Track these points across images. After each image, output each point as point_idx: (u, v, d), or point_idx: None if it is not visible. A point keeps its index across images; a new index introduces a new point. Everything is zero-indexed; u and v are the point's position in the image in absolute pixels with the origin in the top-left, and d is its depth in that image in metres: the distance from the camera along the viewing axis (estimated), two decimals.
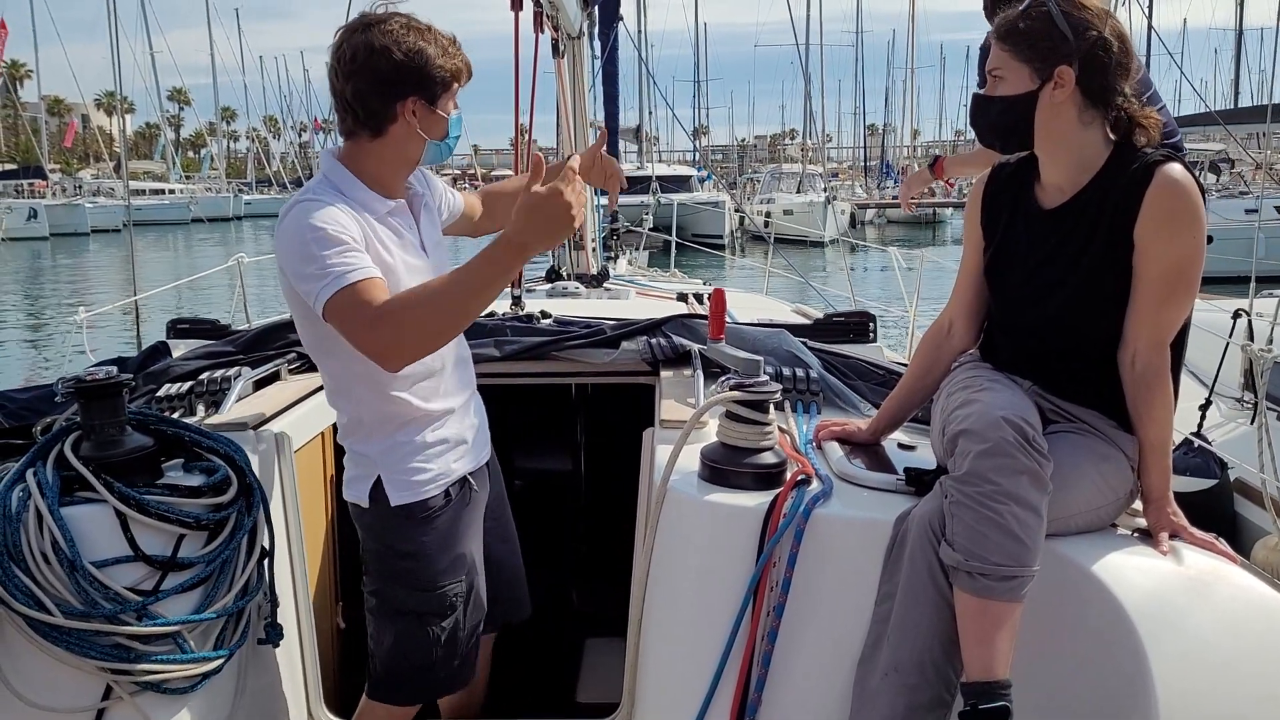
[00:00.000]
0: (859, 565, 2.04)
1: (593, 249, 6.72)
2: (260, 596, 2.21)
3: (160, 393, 2.83)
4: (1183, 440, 5.44)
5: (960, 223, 3.93)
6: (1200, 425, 5.81)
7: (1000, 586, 1.84)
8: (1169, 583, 1.95)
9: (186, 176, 71.98)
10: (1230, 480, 5.68)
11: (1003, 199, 2.23)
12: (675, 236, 11.02)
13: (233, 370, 2.87)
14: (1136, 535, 2.09)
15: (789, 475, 2.15)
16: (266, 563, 2.23)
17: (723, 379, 2.57)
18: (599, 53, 7.14)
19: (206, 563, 2.07)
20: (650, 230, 10.81)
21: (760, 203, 36.45)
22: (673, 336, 3.15)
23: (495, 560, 2.50)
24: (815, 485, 2.12)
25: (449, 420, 2.31)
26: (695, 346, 3.06)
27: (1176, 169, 1.99)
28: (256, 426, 2.51)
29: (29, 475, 2.00)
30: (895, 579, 1.99)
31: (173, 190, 59.70)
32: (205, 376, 2.83)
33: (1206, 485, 5.54)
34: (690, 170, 39.93)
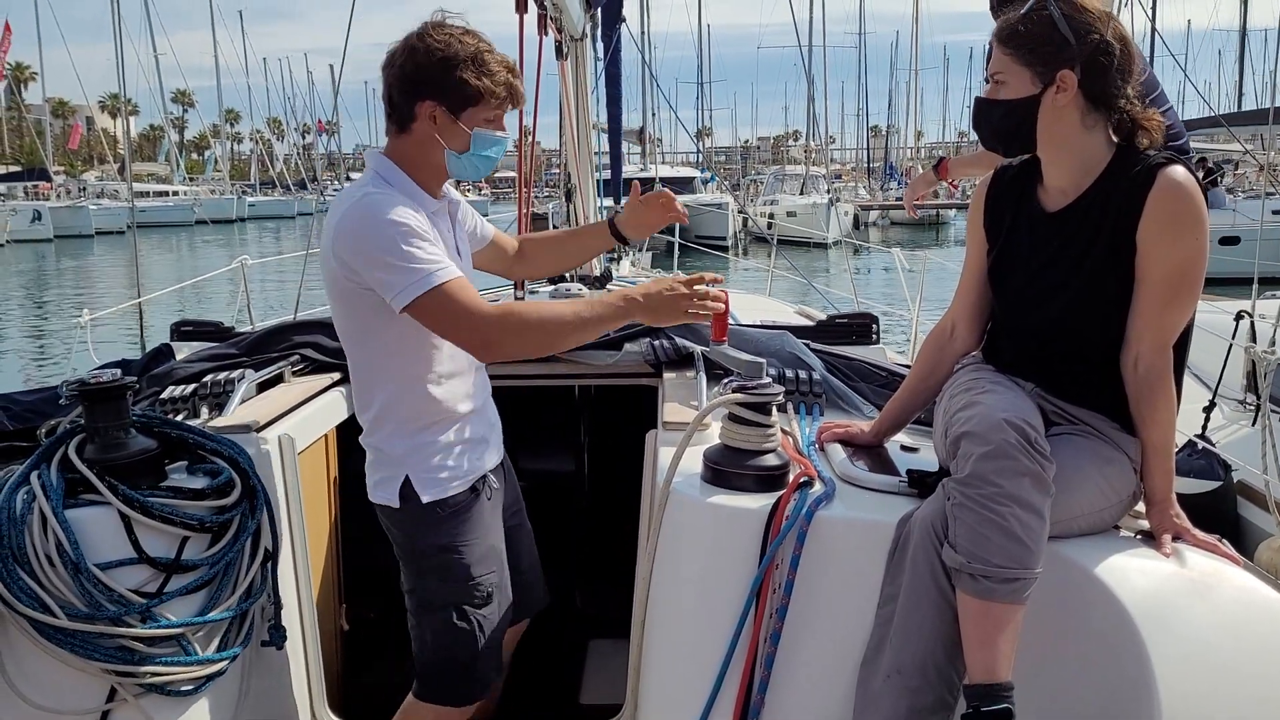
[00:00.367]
0: (861, 567, 2.05)
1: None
2: (264, 598, 2.22)
3: (164, 395, 2.84)
4: (1186, 442, 5.42)
5: (963, 224, 3.93)
6: (1204, 427, 5.80)
7: (1003, 589, 1.84)
8: (1171, 584, 1.95)
9: (190, 178, 72.02)
10: (1234, 482, 5.67)
11: (1006, 202, 2.23)
12: (679, 238, 11.02)
13: (236, 373, 2.87)
14: (1139, 537, 2.09)
15: (791, 477, 2.15)
16: (270, 565, 2.24)
17: (725, 381, 2.57)
18: (602, 55, 7.14)
19: (210, 565, 2.08)
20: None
21: (763, 204, 36.42)
22: (675, 338, 3.15)
23: (517, 551, 2.54)
24: (818, 487, 2.12)
25: (472, 419, 2.36)
26: (698, 348, 3.06)
27: (1179, 171, 1.99)
28: (260, 429, 2.51)
29: (33, 478, 2.01)
30: (898, 581, 1.99)
31: (176, 192, 59.73)
32: (209, 379, 2.84)
33: (1210, 487, 5.53)
34: (694, 172, 39.97)
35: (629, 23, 7.24)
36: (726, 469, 2.17)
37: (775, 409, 2.22)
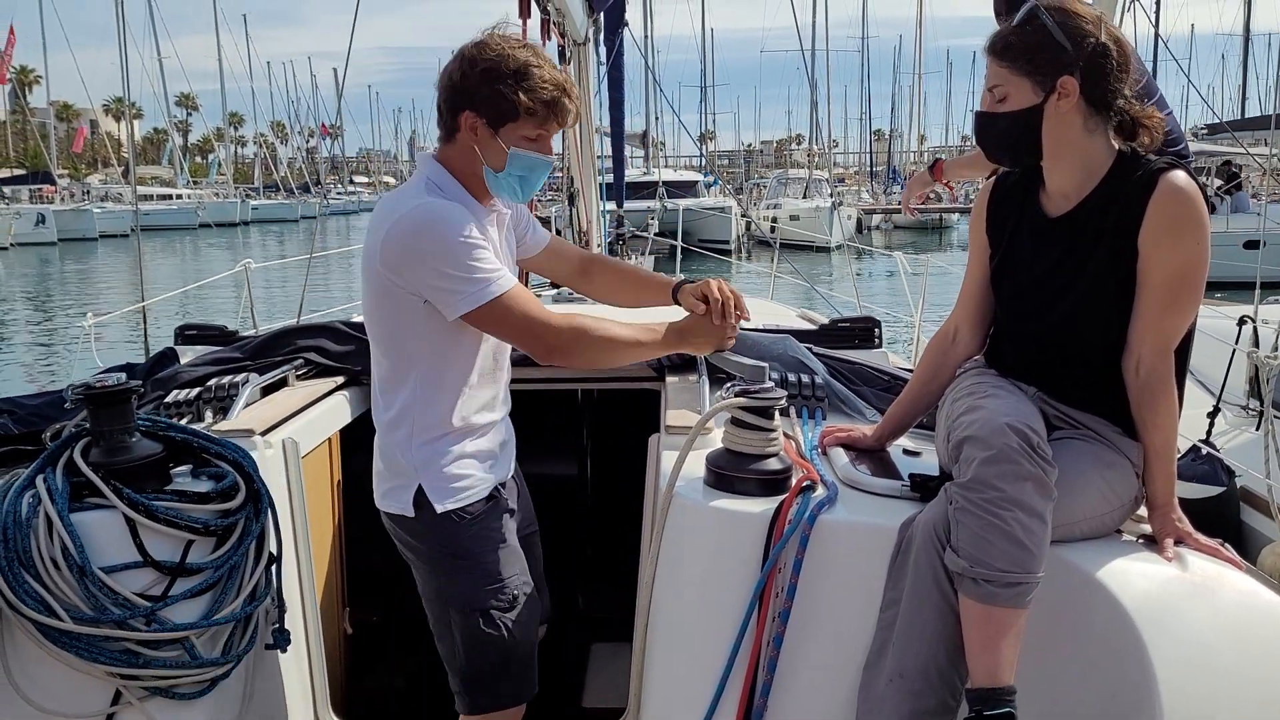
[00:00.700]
0: (864, 571, 2.05)
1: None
2: (268, 602, 2.22)
3: (169, 399, 2.85)
4: (1190, 447, 5.42)
5: (966, 228, 3.93)
6: (1209, 433, 5.79)
7: (1005, 593, 1.84)
8: (1173, 588, 1.95)
9: (194, 182, 72.19)
10: (1237, 488, 5.66)
11: (1008, 207, 2.23)
12: (681, 241, 11.02)
13: (240, 376, 2.88)
14: (1141, 541, 2.09)
15: (794, 481, 2.15)
16: (274, 568, 2.24)
17: (728, 385, 2.57)
18: (605, 59, 7.15)
19: (215, 568, 2.08)
20: (656, 235, 10.82)
21: (766, 208, 36.41)
22: None
23: (533, 558, 2.52)
24: (820, 491, 2.13)
25: (489, 432, 2.34)
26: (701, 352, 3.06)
27: (1180, 176, 2.00)
28: (264, 432, 2.52)
29: (39, 481, 2.02)
30: (900, 585, 1.99)
31: (180, 195, 59.83)
32: (213, 383, 2.84)
33: (1214, 493, 5.51)
34: (696, 175, 39.94)
35: (632, 27, 7.26)
36: (729, 473, 2.17)
37: (778, 413, 2.23)
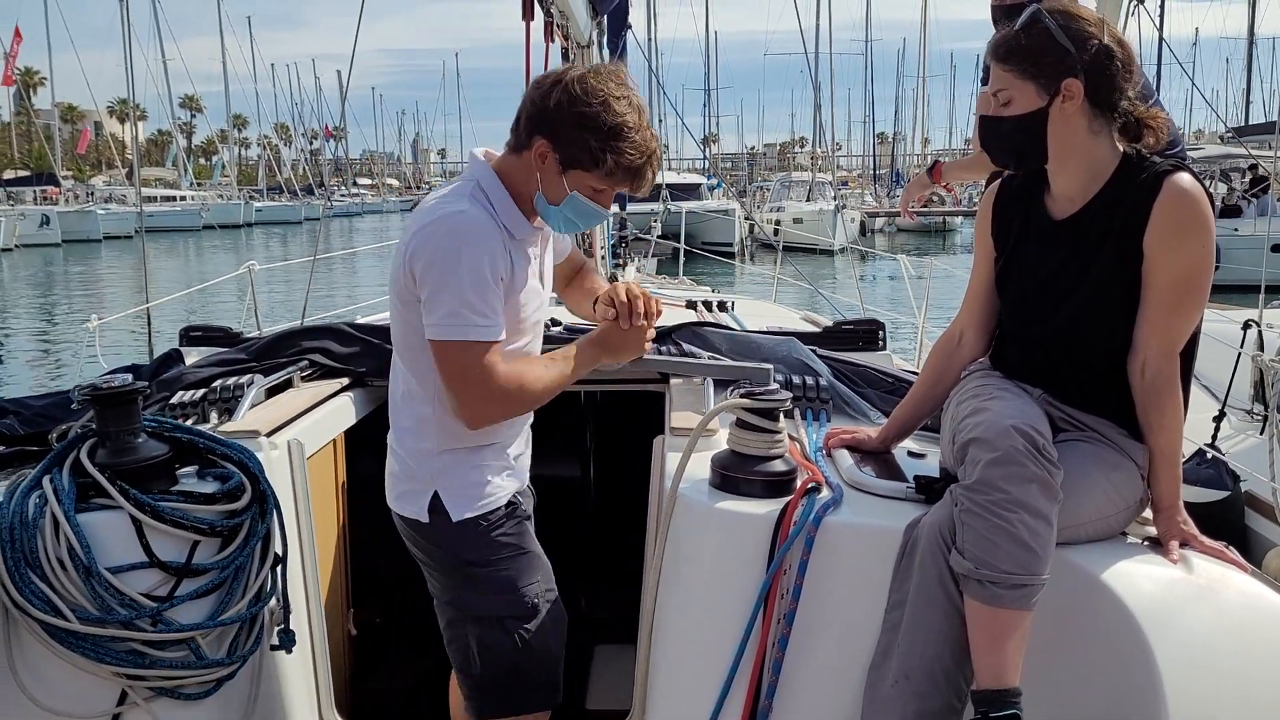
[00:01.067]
0: (869, 573, 2.05)
1: (601, 256, 6.72)
2: (273, 602, 2.22)
3: (174, 400, 2.85)
4: (1195, 451, 5.41)
5: (969, 231, 3.93)
6: (1214, 437, 5.79)
7: (1010, 595, 1.85)
8: (1178, 590, 1.95)
9: (198, 183, 72.37)
10: (1242, 493, 5.65)
11: (1013, 210, 2.23)
12: (684, 244, 11.02)
13: (245, 378, 2.88)
14: (1146, 543, 2.09)
15: (799, 483, 2.16)
16: (279, 569, 2.24)
17: (732, 387, 2.58)
18: (609, 61, 7.15)
19: (220, 569, 2.08)
20: (659, 238, 10.82)
21: (770, 211, 36.45)
22: (683, 344, 3.15)
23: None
24: (825, 493, 2.13)
25: (512, 443, 2.32)
26: (705, 355, 3.06)
27: (1185, 178, 2.00)
28: (270, 433, 2.52)
29: (45, 482, 2.02)
30: (906, 587, 1.99)
31: (184, 197, 59.97)
32: (218, 384, 2.85)
33: (1218, 497, 5.51)
34: (700, 178, 39.98)
35: (636, 29, 7.27)
36: (734, 474, 2.17)
37: (782, 415, 2.23)
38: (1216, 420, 5.82)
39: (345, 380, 3.09)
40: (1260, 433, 5.80)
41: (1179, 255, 2.00)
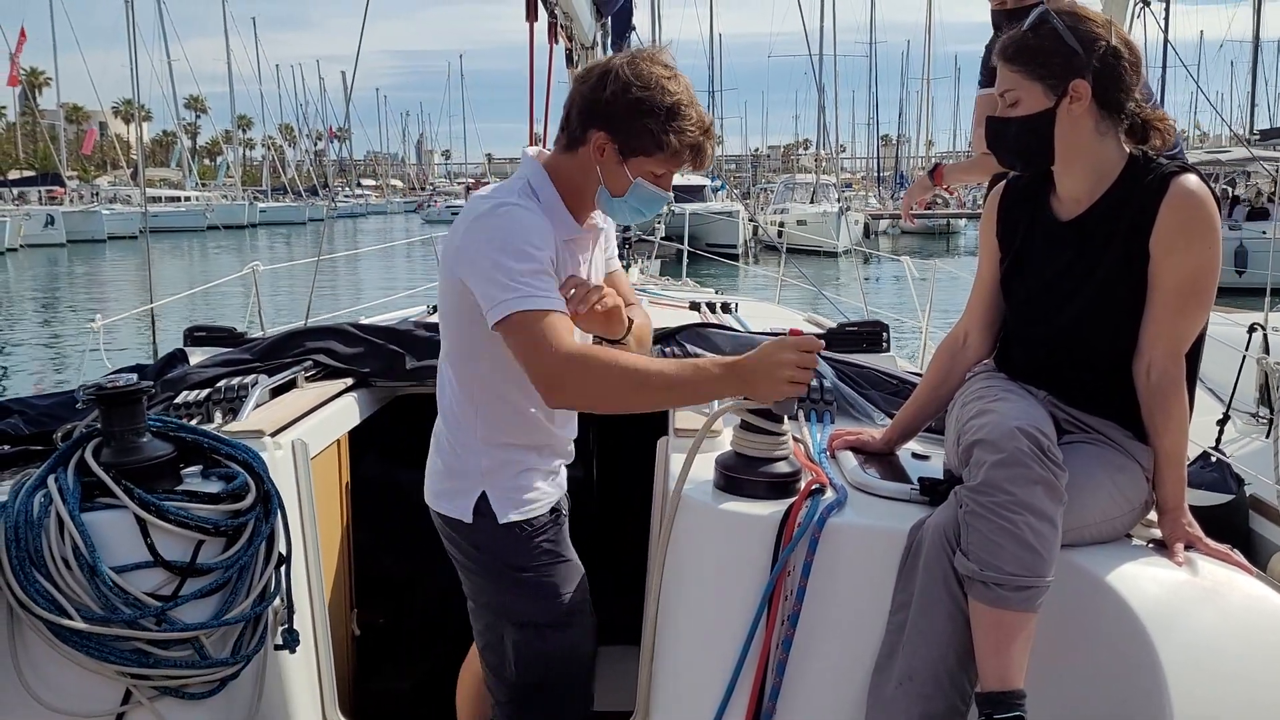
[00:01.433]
0: (873, 574, 2.05)
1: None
2: (277, 602, 2.23)
3: (178, 400, 2.85)
4: (1200, 454, 5.40)
5: (974, 233, 3.93)
6: (1218, 440, 5.78)
7: (1015, 596, 1.84)
8: (1183, 592, 1.95)
9: (203, 184, 72.47)
10: (1246, 496, 5.64)
11: (1019, 211, 2.23)
12: (688, 246, 11.01)
13: (250, 378, 2.89)
14: (1151, 545, 2.09)
15: (803, 484, 2.15)
16: (284, 569, 2.24)
17: None
18: None
19: (225, 568, 2.08)
20: (662, 240, 10.81)
21: (774, 213, 36.46)
22: (686, 345, 3.15)
23: None
24: (830, 494, 2.13)
25: (562, 449, 2.31)
26: (709, 356, 3.06)
27: (1192, 180, 2.00)
28: (274, 433, 2.52)
29: (50, 481, 2.02)
30: (910, 588, 1.99)
31: (189, 198, 60.11)
32: (223, 384, 2.85)
33: (1222, 500, 5.49)
34: (704, 180, 39.95)
35: (640, 31, 7.28)
36: (738, 476, 2.17)
37: (786, 416, 2.23)
38: (1221, 423, 5.81)
39: (349, 380, 3.09)
40: (1265, 436, 5.79)
41: (1185, 257, 2.00)
